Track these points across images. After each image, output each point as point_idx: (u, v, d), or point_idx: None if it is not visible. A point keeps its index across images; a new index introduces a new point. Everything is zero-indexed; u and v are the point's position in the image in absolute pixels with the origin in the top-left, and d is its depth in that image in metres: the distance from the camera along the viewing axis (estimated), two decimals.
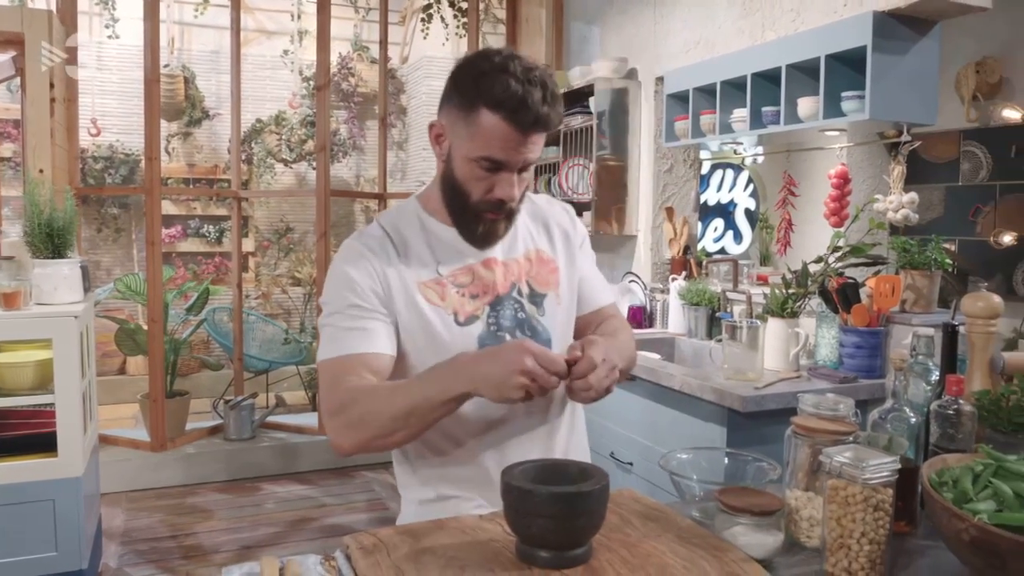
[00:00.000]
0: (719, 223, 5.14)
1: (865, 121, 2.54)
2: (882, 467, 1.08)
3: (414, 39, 6.64)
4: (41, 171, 3.32)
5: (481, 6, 4.83)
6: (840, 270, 2.60)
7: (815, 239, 3.88)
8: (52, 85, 3.61)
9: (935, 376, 1.43)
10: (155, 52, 3.97)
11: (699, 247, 3.86)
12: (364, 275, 1.29)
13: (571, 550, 1.08)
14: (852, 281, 2.56)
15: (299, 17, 6.44)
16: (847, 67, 2.59)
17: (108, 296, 4.89)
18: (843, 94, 2.55)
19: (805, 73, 2.72)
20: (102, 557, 3.22)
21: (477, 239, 1.32)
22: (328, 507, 3.90)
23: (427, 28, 5.42)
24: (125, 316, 5.35)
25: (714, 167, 5.05)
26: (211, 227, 6.51)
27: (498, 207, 1.28)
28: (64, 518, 2.69)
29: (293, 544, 3.43)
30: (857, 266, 2.63)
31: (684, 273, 3.51)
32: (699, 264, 3.54)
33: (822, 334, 2.65)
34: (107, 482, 3.67)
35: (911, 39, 2.50)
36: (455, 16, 5.22)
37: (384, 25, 4.76)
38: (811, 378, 2.51)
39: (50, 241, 2.73)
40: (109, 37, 5.86)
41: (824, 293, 2.60)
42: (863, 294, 2.57)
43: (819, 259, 2.63)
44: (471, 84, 1.21)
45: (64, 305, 2.74)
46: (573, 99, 3.95)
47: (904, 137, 2.60)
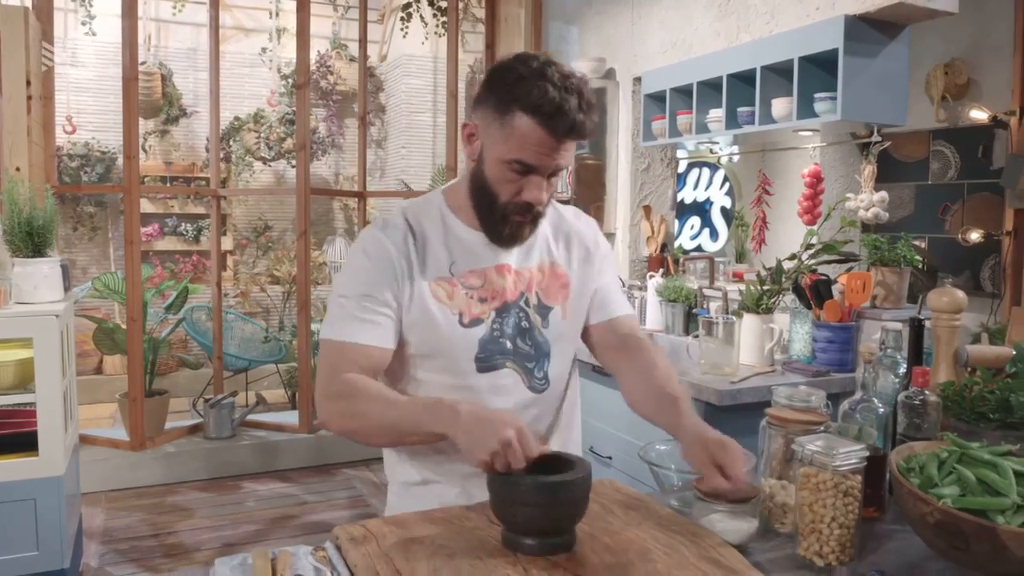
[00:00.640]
0: (696, 221, 5.20)
1: (837, 122, 2.61)
2: (851, 455, 1.13)
3: (393, 37, 6.65)
4: (18, 169, 3.30)
5: (460, 5, 4.86)
6: (813, 267, 2.67)
7: (789, 237, 3.96)
8: (28, 82, 3.59)
9: (903, 368, 1.49)
10: (133, 50, 3.96)
11: (676, 245, 3.92)
12: (381, 269, 1.32)
13: (555, 537, 1.12)
14: (825, 278, 2.62)
15: (277, 15, 6.42)
16: (820, 69, 2.65)
17: (86, 295, 4.86)
18: (816, 95, 2.62)
19: (779, 75, 2.79)
20: (83, 557, 3.22)
21: (503, 240, 1.33)
22: (309, 504, 3.91)
23: (406, 27, 5.44)
24: (102, 315, 5.32)
25: (691, 166, 5.11)
26: (188, 225, 6.48)
27: (526, 210, 1.29)
28: (45, 517, 2.69)
29: (275, 541, 3.44)
30: (830, 263, 2.69)
31: (661, 270, 3.56)
32: (676, 261, 3.59)
33: (796, 330, 2.71)
34: (86, 482, 3.66)
35: (881, 42, 2.57)
36: (434, 15, 5.24)
37: (363, 23, 4.77)
38: (785, 372, 2.57)
39: (30, 240, 2.73)
40: (86, 34, 5.82)
41: (798, 289, 2.66)
42: (835, 290, 2.63)
43: (793, 256, 2.70)
44: (508, 87, 1.22)
45: (44, 304, 2.73)
46: None
47: (875, 137, 2.67)
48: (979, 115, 3.23)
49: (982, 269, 3.51)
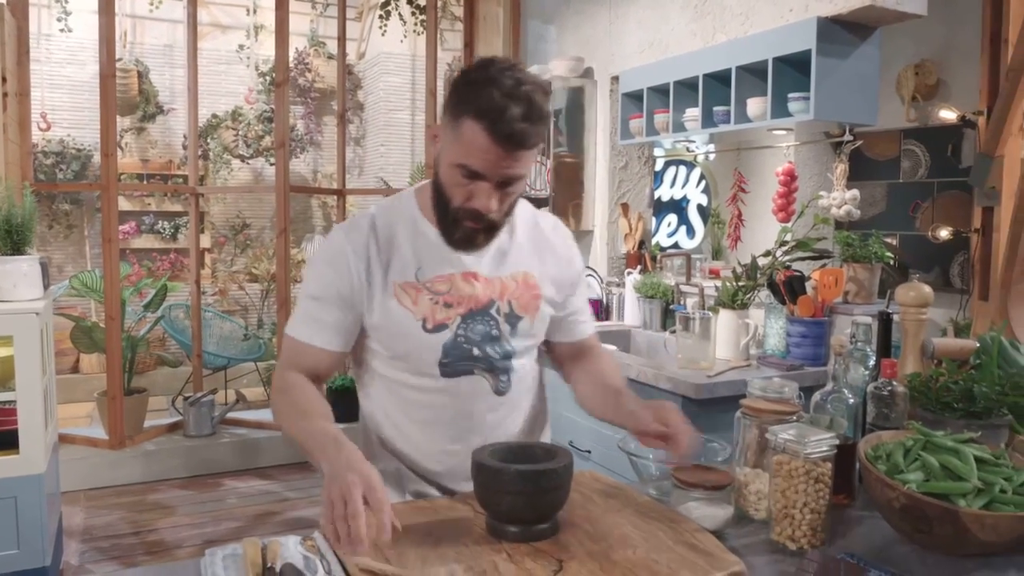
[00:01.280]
0: (672, 218, 5.26)
1: (810, 121, 2.66)
2: (822, 443, 1.18)
3: (371, 35, 6.64)
4: None
5: (439, 4, 4.88)
6: (787, 263, 2.73)
7: (764, 234, 4.02)
8: (4, 79, 3.57)
9: (872, 361, 1.54)
10: (110, 46, 3.94)
11: (653, 242, 3.97)
12: (337, 273, 1.34)
13: (538, 524, 1.16)
14: (798, 274, 2.69)
15: (254, 12, 6.40)
16: (793, 69, 2.71)
17: (63, 293, 4.82)
18: (789, 95, 2.67)
19: (754, 75, 2.84)
20: (63, 555, 3.21)
21: (455, 242, 1.35)
22: (291, 501, 3.92)
23: (385, 25, 5.45)
24: (78, 313, 5.28)
25: (667, 164, 5.16)
26: (166, 223, 6.45)
27: (476, 217, 1.28)
28: (26, 515, 2.69)
29: (258, 538, 3.44)
30: (803, 260, 2.75)
31: (639, 267, 3.62)
32: (653, 258, 3.65)
33: (770, 324, 2.77)
34: (65, 480, 3.64)
35: (853, 44, 2.63)
36: (413, 13, 5.26)
37: (342, 21, 4.78)
38: (760, 366, 2.63)
39: (9, 238, 2.72)
40: (61, 31, 5.76)
41: (772, 285, 2.72)
42: (808, 286, 2.69)
43: (767, 253, 2.75)
44: (462, 92, 1.23)
45: (25, 302, 2.73)
46: None
47: (847, 137, 2.73)
48: (948, 115, 3.30)
49: (951, 265, 3.59)
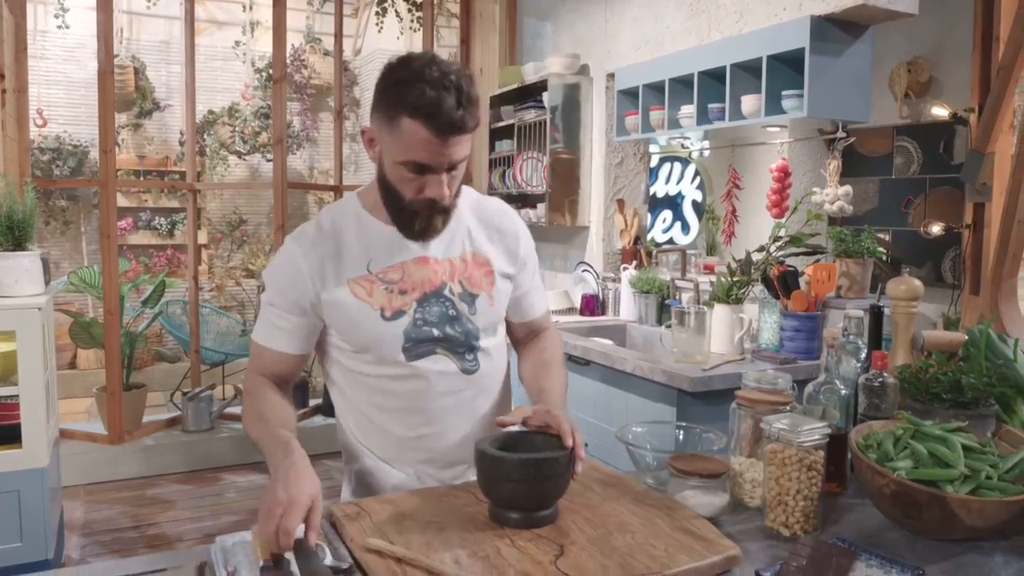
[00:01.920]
0: (668, 214, 5.29)
1: (804, 118, 2.70)
2: (814, 431, 1.22)
3: (367, 31, 6.66)
4: None
5: (435, 1, 4.90)
6: (781, 259, 2.76)
7: (758, 229, 4.06)
8: (2, 76, 3.59)
9: (864, 353, 1.58)
10: (108, 43, 3.95)
11: (649, 237, 4.00)
12: (290, 281, 1.39)
13: (539, 511, 1.20)
14: (792, 269, 2.72)
15: (251, 8, 6.41)
16: (787, 67, 2.75)
17: (61, 289, 4.84)
18: (783, 92, 2.71)
19: (748, 72, 2.87)
20: (64, 549, 3.23)
21: (416, 234, 1.38)
22: None
23: (381, 22, 5.46)
24: (75, 309, 5.30)
25: (662, 160, 5.20)
26: (162, 219, 6.46)
27: (431, 206, 1.33)
28: (29, 509, 2.72)
29: None
30: (797, 255, 2.79)
31: (635, 262, 3.65)
32: (649, 254, 3.68)
33: (764, 319, 2.81)
34: (65, 475, 3.67)
35: (845, 42, 2.67)
36: (409, 10, 5.28)
37: (339, 18, 4.80)
38: (754, 360, 2.67)
39: (11, 234, 2.74)
40: (59, 27, 5.76)
41: (766, 280, 2.76)
42: (802, 281, 2.73)
43: (761, 248, 2.79)
44: (391, 92, 1.25)
45: (26, 297, 2.75)
46: (527, 94, 4.05)
47: (840, 133, 2.77)
48: (940, 112, 3.34)
49: (943, 261, 3.63)
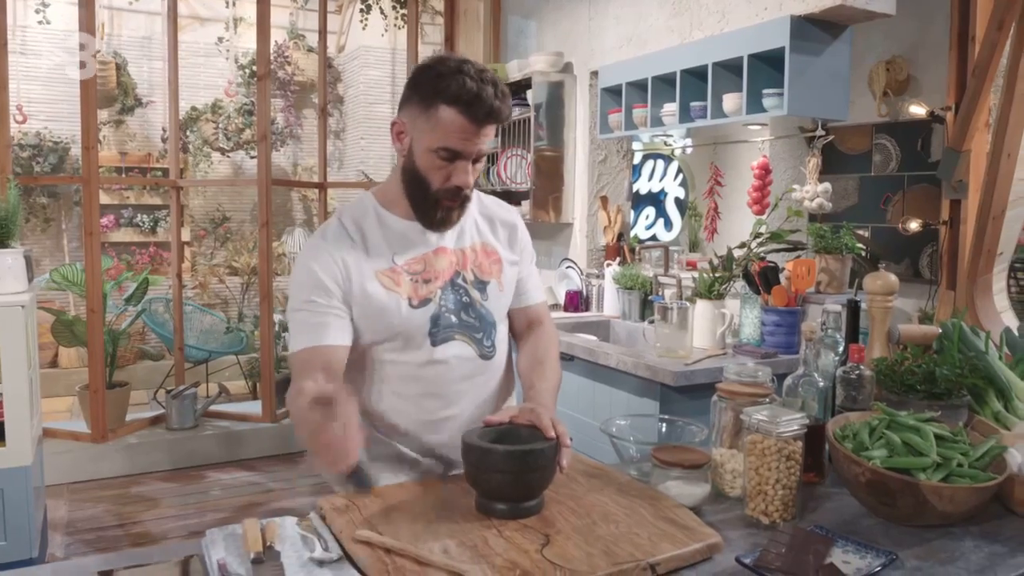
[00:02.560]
0: (650, 211, 5.33)
1: (784, 116, 2.74)
2: (793, 422, 1.25)
3: (351, 28, 6.65)
4: None
5: None
6: (762, 255, 2.80)
7: (740, 226, 4.10)
8: None
9: (842, 347, 1.62)
10: (90, 38, 3.93)
11: (632, 234, 4.04)
12: (325, 270, 1.42)
13: (525, 502, 1.22)
14: (773, 265, 2.76)
15: (234, 4, 6.38)
16: (768, 66, 2.78)
17: (43, 287, 4.81)
18: (764, 91, 2.75)
19: (730, 71, 2.91)
20: (48, 548, 3.22)
21: (435, 224, 1.46)
22: (274, 492, 3.96)
23: (366, 19, 5.47)
24: (57, 307, 5.27)
25: (645, 158, 5.23)
26: (145, 216, 6.42)
27: (455, 194, 1.42)
28: (13, 507, 2.71)
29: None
30: (777, 251, 2.84)
31: (618, 259, 3.68)
32: (632, 250, 3.71)
33: (745, 314, 2.85)
34: (48, 474, 3.65)
35: (825, 41, 2.71)
36: (394, 7, 5.28)
37: (323, 14, 4.79)
38: (736, 355, 2.70)
39: None
40: (40, 22, 5.72)
41: (747, 276, 2.80)
42: (782, 277, 2.77)
43: (743, 245, 2.83)
44: (431, 84, 1.36)
45: (10, 295, 2.74)
46: (511, 92, 4.07)
47: (819, 131, 2.81)
48: (918, 110, 3.38)
49: (921, 257, 3.68)
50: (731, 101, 2.86)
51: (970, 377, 1.50)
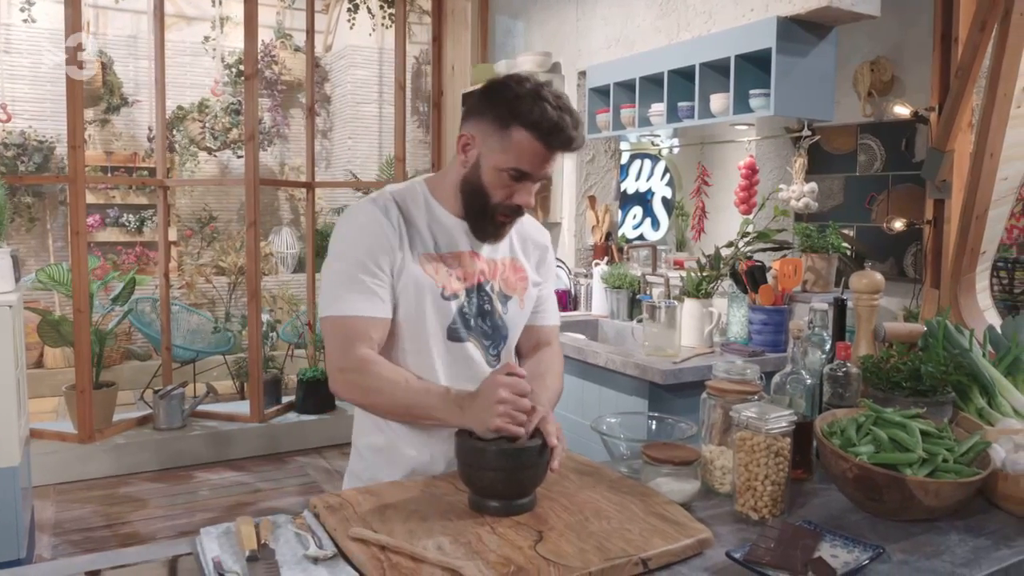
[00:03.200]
0: (638, 211, 5.36)
1: (771, 116, 2.77)
2: (781, 419, 1.27)
3: (338, 27, 6.64)
4: None
5: None
6: (749, 254, 2.83)
7: (727, 225, 4.14)
8: None
9: (829, 345, 1.64)
10: (76, 37, 3.90)
11: (619, 233, 4.06)
12: (378, 235, 1.42)
13: (518, 499, 1.23)
14: (760, 264, 2.79)
15: (220, 3, 6.36)
16: (755, 67, 2.81)
17: (28, 287, 4.78)
18: (751, 91, 2.77)
19: (717, 71, 2.93)
20: (36, 548, 3.21)
21: (486, 235, 1.47)
22: (263, 492, 3.96)
23: (353, 18, 5.46)
24: (42, 307, 5.23)
25: (633, 157, 5.26)
26: (131, 216, 6.39)
27: (515, 212, 1.44)
28: (1, 508, 2.70)
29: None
30: (764, 250, 2.86)
31: (606, 258, 3.70)
32: (620, 250, 3.73)
33: (733, 313, 2.87)
34: (34, 475, 3.63)
35: (811, 42, 2.73)
36: (381, 7, 5.28)
37: (311, 14, 4.79)
38: (723, 353, 2.73)
39: None
40: (25, 21, 5.67)
41: (735, 275, 2.82)
42: (769, 276, 2.80)
43: (730, 244, 2.85)
44: (508, 105, 1.36)
45: None
46: None
47: (805, 132, 2.84)
48: (902, 110, 3.42)
49: (905, 256, 3.73)
50: (718, 101, 2.89)
51: (954, 374, 1.53)
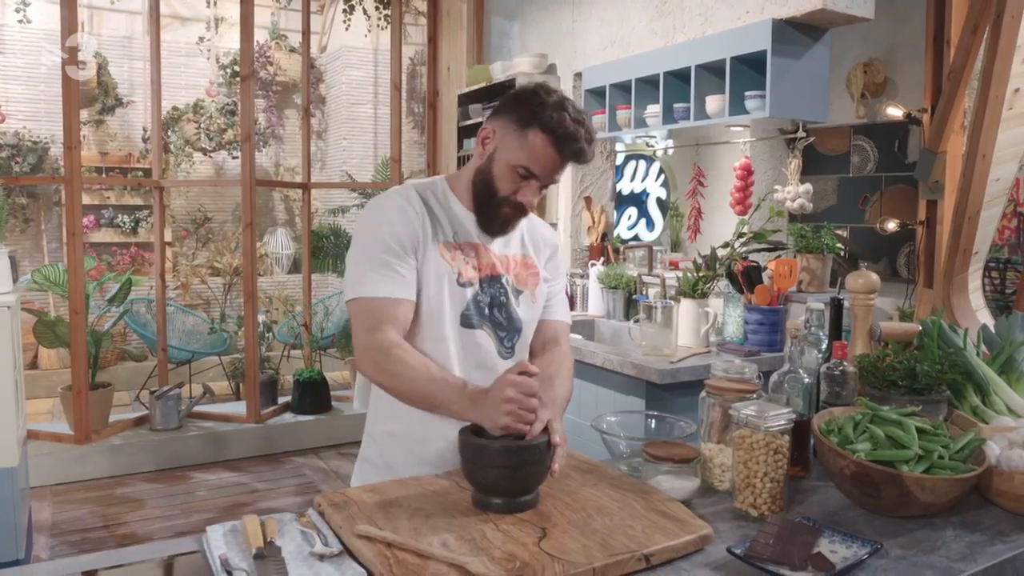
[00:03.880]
0: (632, 211, 5.37)
1: (766, 118, 2.79)
2: (780, 417, 1.29)
3: (333, 28, 6.65)
4: None
5: None
6: (744, 254, 2.85)
7: (722, 226, 4.16)
8: None
9: (825, 344, 1.66)
10: (72, 38, 3.90)
11: (615, 234, 4.08)
12: (405, 221, 1.48)
13: (521, 496, 1.25)
14: (755, 264, 2.81)
15: (215, 4, 6.36)
16: (750, 68, 2.83)
17: (24, 288, 4.77)
18: (746, 93, 2.79)
19: (712, 73, 2.96)
20: (33, 549, 3.21)
21: (493, 228, 1.53)
22: (260, 492, 3.96)
23: (349, 19, 5.47)
24: (37, 308, 5.22)
25: (628, 158, 5.28)
26: (126, 217, 6.38)
27: (518, 208, 1.50)
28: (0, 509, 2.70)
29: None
30: (760, 251, 2.88)
31: (602, 258, 3.72)
32: (616, 250, 3.75)
33: (729, 313, 2.89)
34: (31, 476, 3.63)
35: (805, 44, 2.76)
36: (377, 8, 5.29)
37: (306, 15, 4.79)
38: (720, 353, 2.75)
39: None
40: (20, 21, 5.66)
41: (730, 275, 2.84)
42: (765, 276, 2.82)
43: (726, 244, 2.87)
44: (532, 108, 1.44)
45: None
46: (495, 92, 4.10)
47: (800, 133, 2.86)
48: (895, 112, 3.45)
49: (898, 256, 3.76)
50: (714, 103, 2.91)
51: (949, 373, 1.55)
